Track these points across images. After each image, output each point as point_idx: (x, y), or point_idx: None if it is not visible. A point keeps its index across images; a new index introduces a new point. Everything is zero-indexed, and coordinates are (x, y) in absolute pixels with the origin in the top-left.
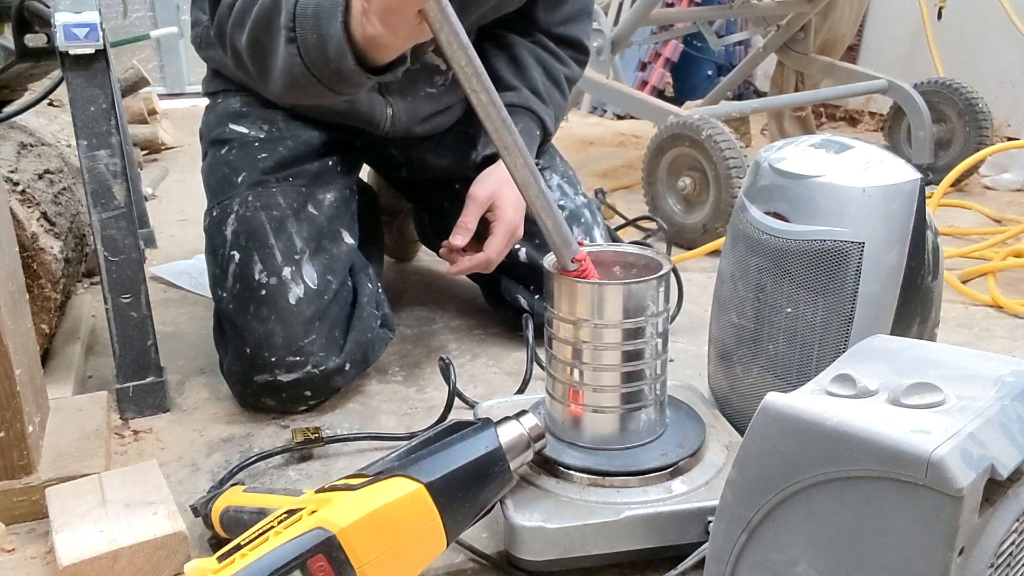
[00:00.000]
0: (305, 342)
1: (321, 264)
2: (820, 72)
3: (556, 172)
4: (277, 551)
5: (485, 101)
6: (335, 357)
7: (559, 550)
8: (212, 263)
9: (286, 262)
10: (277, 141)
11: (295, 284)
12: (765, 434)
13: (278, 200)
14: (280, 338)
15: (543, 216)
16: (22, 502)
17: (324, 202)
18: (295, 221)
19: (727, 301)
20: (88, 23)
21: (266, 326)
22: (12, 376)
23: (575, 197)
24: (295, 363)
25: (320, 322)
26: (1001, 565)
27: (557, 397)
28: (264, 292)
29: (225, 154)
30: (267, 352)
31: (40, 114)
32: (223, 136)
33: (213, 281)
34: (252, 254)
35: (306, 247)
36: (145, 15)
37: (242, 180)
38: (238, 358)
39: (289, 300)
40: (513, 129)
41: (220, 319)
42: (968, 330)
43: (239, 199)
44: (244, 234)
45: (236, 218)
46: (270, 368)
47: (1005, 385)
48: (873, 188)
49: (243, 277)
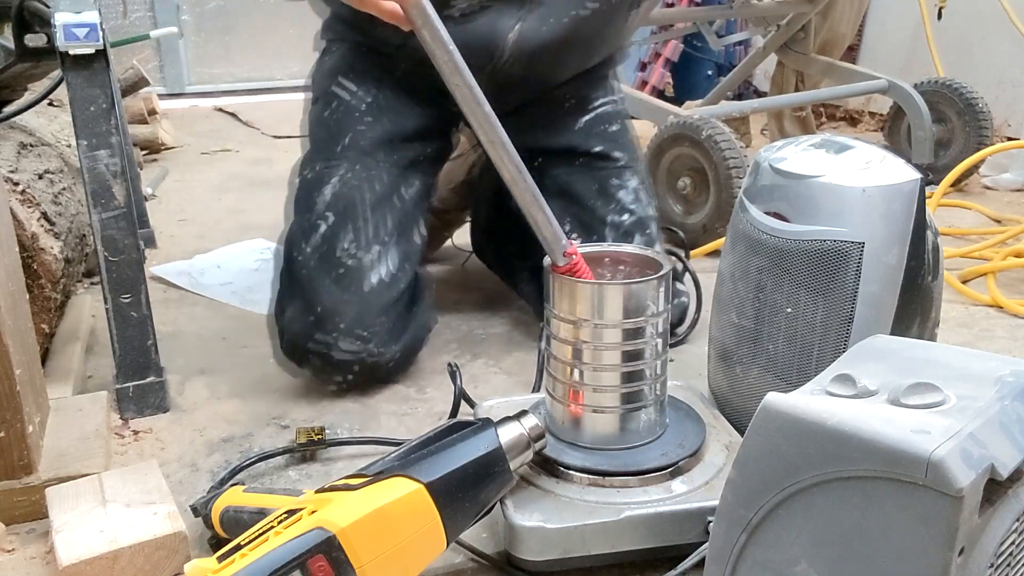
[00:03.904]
0: (372, 326)
1: (402, 252)
2: (820, 72)
3: (637, 176)
4: (277, 551)
5: (467, 96)
6: (393, 346)
7: (559, 550)
8: (300, 215)
9: (376, 241)
10: (382, 112)
11: (379, 266)
12: (765, 434)
13: (382, 177)
14: (353, 313)
15: (531, 211)
16: (22, 502)
17: (412, 190)
18: (389, 204)
19: (727, 301)
20: (88, 23)
21: (339, 299)
22: (12, 376)
23: (647, 206)
24: (356, 341)
25: (389, 311)
26: (1001, 565)
27: (557, 397)
28: (349, 263)
29: (330, 114)
30: (332, 323)
31: (40, 114)
32: (330, 92)
33: (297, 232)
34: (347, 224)
35: (395, 232)
36: (145, 15)
37: (346, 145)
38: (300, 316)
39: (370, 280)
40: (497, 124)
41: (292, 272)
42: (968, 330)
43: (345, 164)
44: (343, 200)
45: (339, 181)
46: (335, 334)
47: (1005, 385)
48: (873, 188)
49: (331, 241)
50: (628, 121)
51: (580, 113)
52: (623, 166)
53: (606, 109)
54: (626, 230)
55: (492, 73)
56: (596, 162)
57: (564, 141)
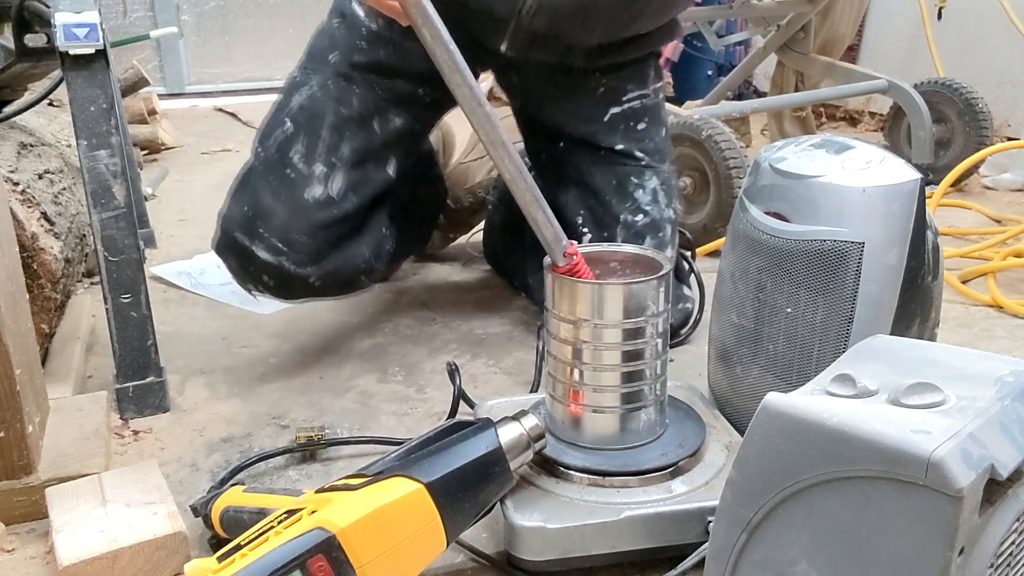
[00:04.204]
0: (297, 239)
1: (352, 179)
2: (820, 72)
3: (658, 176)
4: (277, 551)
5: (468, 96)
6: (311, 269)
7: (559, 550)
8: (270, 120)
9: (324, 160)
10: (382, 43)
11: (319, 184)
12: (765, 434)
13: (352, 100)
14: (280, 221)
15: (531, 210)
16: (22, 502)
17: (389, 124)
18: (355, 128)
19: (727, 301)
20: (88, 23)
21: (274, 203)
22: (12, 376)
23: (665, 208)
24: (277, 249)
25: (318, 232)
26: (1001, 565)
27: (557, 397)
28: (290, 173)
29: (333, 27)
30: (261, 224)
31: (40, 114)
32: (343, 10)
33: (261, 136)
34: (300, 134)
35: (351, 158)
36: (145, 15)
37: (333, 59)
38: (238, 212)
39: (306, 195)
40: (496, 124)
41: (248, 171)
42: (968, 330)
43: (322, 77)
44: (307, 111)
45: (309, 94)
46: (255, 238)
47: (1005, 385)
48: (873, 188)
49: (281, 149)
50: (661, 115)
51: (610, 104)
52: (645, 166)
53: (638, 104)
54: (638, 231)
55: (517, 26)
56: (617, 158)
57: (588, 131)
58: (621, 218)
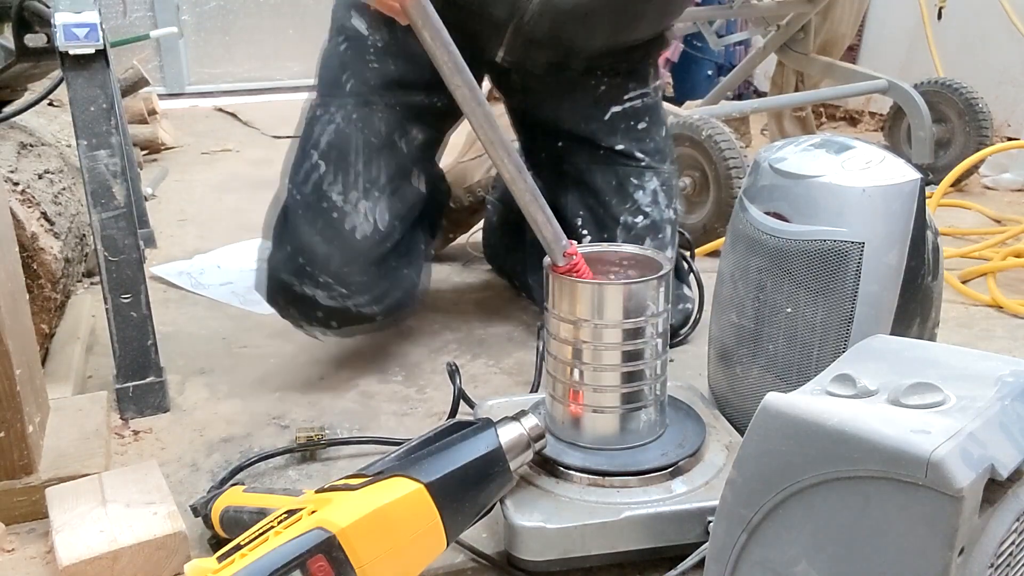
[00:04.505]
0: (357, 280)
1: (395, 207)
2: (820, 72)
3: (659, 177)
4: (277, 551)
5: (467, 96)
6: (376, 306)
7: (559, 550)
8: (298, 156)
9: (365, 195)
10: (390, 55)
11: (367, 220)
12: (765, 434)
13: (377, 125)
14: (336, 265)
15: (531, 210)
16: (22, 502)
17: (414, 140)
18: (386, 153)
19: (727, 301)
20: (88, 23)
21: (327, 247)
22: (12, 376)
23: (665, 209)
24: (340, 295)
25: (377, 268)
26: (1001, 565)
27: (557, 397)
28: (336, 215)
29: (340, 48)
30: (318, 271)
31: (40, 114)
32: (343, 26)
33: (292, 173)
34: (337, 173)
35: (388, 185)
36: (145, 15)
37: (349, 86)
38: (288, 259)
39: (356, 235)
40: (496, 124)
41: (285, 214)
42: (968, 330)
43: (346, 107)
44: (336, 149)
45: (335, 129)
46: (315, 286)
47: (1005, 385)
48: (873, 188)
49: (321, 190)
50: (661, 114)
51: (610, 103)
52: (645, 166)
53: (638, 103)
54: (638, 233)
55: (517, 28)
56: (618, 158)
57: (589, 130)
58: (621, 219)
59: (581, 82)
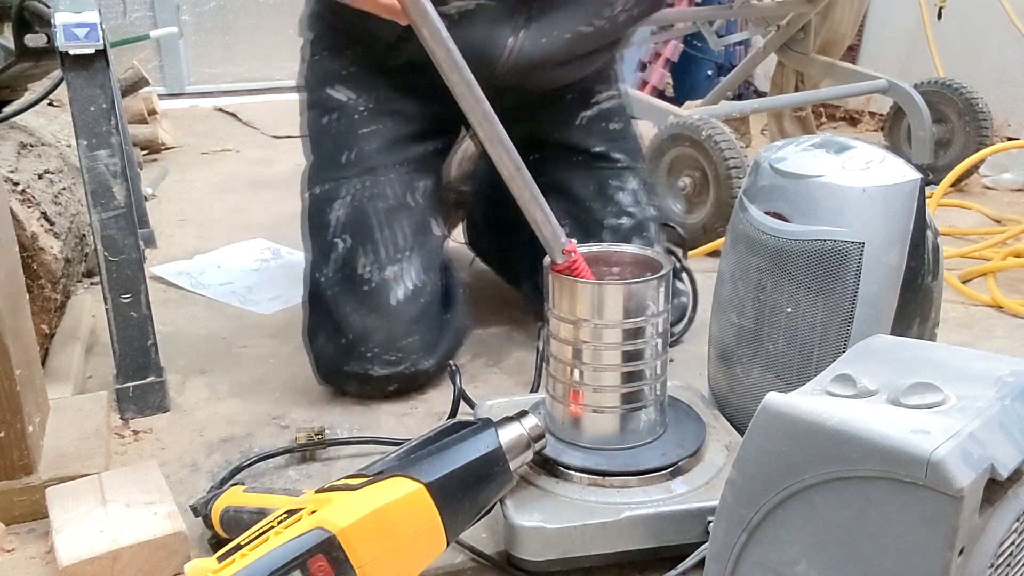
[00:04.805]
0: (405, 343)
1: (422, 261)
2: (820, 72)
3: (637, 177)
4: (277, 551)
5: (467, 94)
6: (430, 358)
7: (559, 550)
8: (314, 243)
9: (391, 260)
10: (382, 115)
11: (399, 284)
12: (765, 434)
13: (386, 190)
14: (380, 335)
15: (530, 208)
16: (22, 502)
17: (421, 190)
18: (401, 214)
19: (727, 301)
20: (88, 23)
21: (367, 321)
22: (12, 376)
23: (646, 207)
24: (391, 361)
25: (419, 323)
26: (1001, 565)
27: (557, 397)
28: (367, 288)
29: (329, 124)
30: (364, 347)
31: (40, 114)
32: (326, 99)
33: (313, 261)
34: (358, 246)
35: (408, 244)
36: (145, 15)
37: (350, 161)
38: (332, 342)
39: (391, 300)
40: (496, 122)
41: (315, 298)
42: (968, 330)
43: (348, 184)
44: (353, 223)
45: (346, 204)
46: (365, 361)
47: (1005, 385)
48: (873, 188)
49: (348, 267)
50: (630, 113)
51: (582, 108)
52: (623, 167)
53: (609, 105)
54: (624, 234)
55: (489, 79)
56: (595, 162)
57: (564, 137)
58: (606, 223)
59: (549, 95)
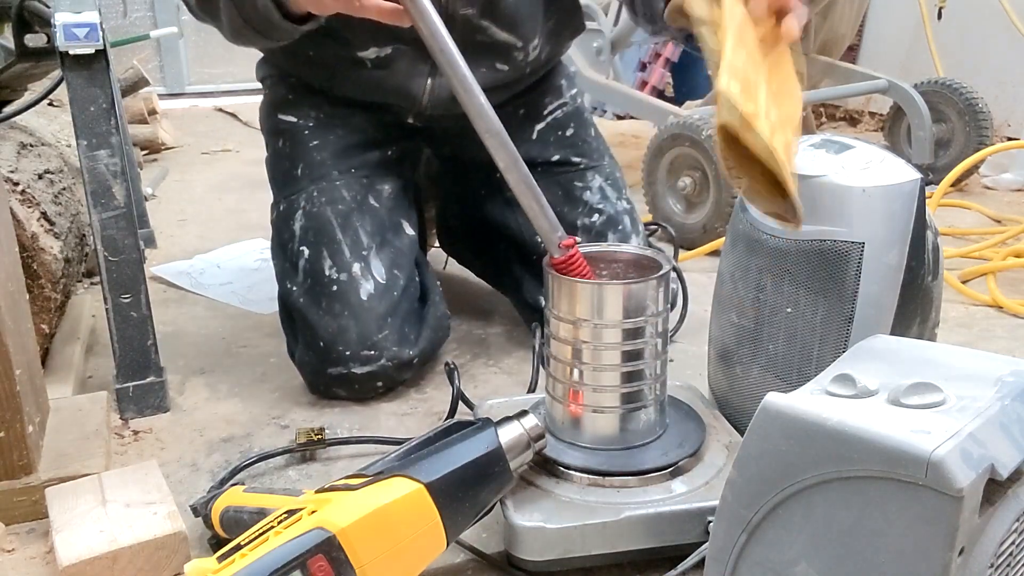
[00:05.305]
0: (379, 337)
1: (387, 258)
2: (820, 72)
3: (600, 174)
4: (277, 551)
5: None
6: (408, 350)
7: (559, 550)
8: (280, 257)
9: (354, 258)
10: (326, 128)
11: (365, 280)
12: (765, 434)
13: (342, 193)
14: (354, 333)
15: (527, 201)
16: (22, 502)
17: (384, 193)
18: (359, 215)
19: (727, 301)
20: (88, 23)
21: (339, 321)
22: (12, 376)
23: (616, 202)
24: (369, 357)
25: (392, 317)
26: (1001, 565)
27: (557, 397)
28: (335, 288)
29: (282, 147)
30: (341, 346)
31: (40, 114)
32: (276, 128)
33: (282, 274)
34: (321, 250)
35: (372, 242)
36: (145, 15)
37: (303, 173)
38: (310, 350)
39: (360, 296)
40: (491, 113)
41: (289, 311)
42: (968, 330)
43: (305, 194)
44: (312, 230)
45: (303, 214)
46: (344, 362)
47: (1005, 385)
48: (873, 188)
49: (313, 273)
50: (586, 116)
51: (533, 121)
52: (584, 168)
53: (559, 114)
54: (598, 231)
55: (418, 114)
56: (555, 168)
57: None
58: (578, 223)
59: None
